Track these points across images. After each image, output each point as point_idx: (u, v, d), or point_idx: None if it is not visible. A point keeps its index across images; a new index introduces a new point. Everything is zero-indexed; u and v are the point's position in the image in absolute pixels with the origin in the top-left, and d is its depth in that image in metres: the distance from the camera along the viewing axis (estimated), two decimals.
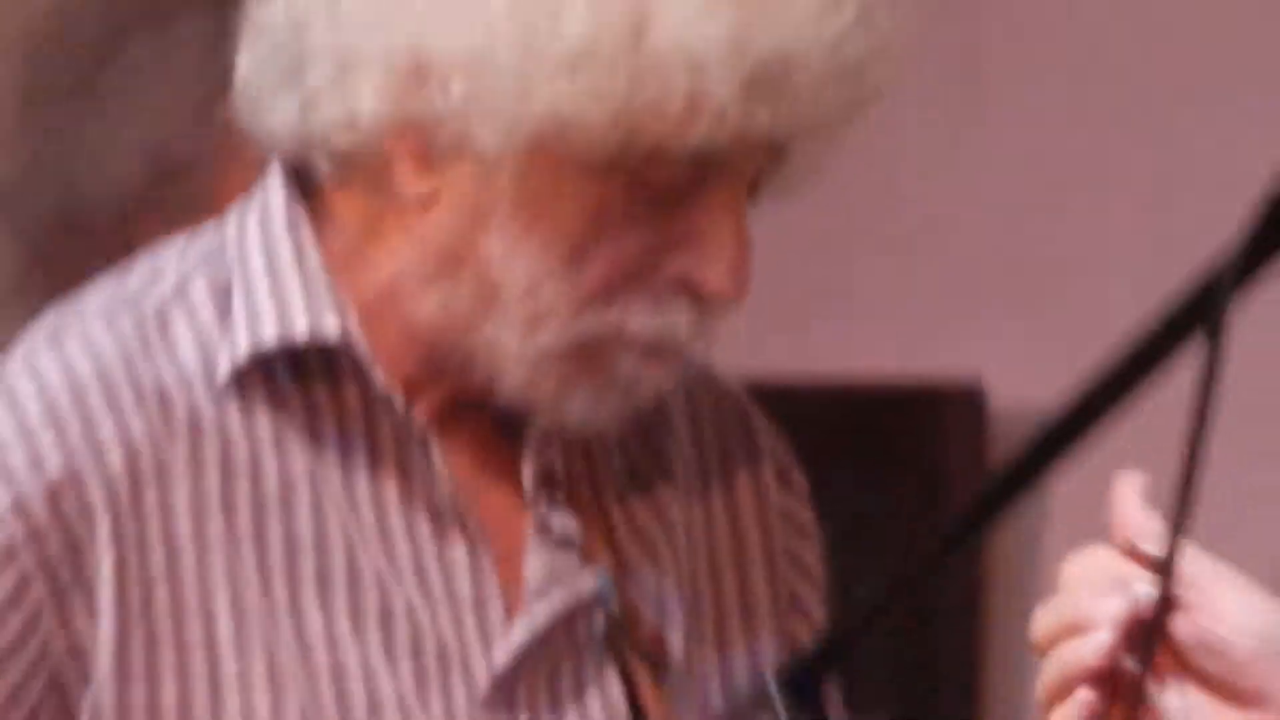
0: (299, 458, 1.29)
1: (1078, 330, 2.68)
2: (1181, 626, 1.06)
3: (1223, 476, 1.74)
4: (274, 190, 1.32)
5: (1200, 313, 1.02)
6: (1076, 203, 2.98)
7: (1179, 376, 1.06)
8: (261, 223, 1.31)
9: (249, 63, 1.30)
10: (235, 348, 1.28)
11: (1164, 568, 1.05)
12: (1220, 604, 1.07)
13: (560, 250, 1.25)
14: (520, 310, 1.26)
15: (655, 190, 1.25)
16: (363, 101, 1.24)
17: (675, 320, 1.27)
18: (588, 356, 1.27)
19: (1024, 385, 2.77)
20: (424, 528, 1.30)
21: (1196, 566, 1.07)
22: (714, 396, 1.41)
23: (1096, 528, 1.08)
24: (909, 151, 2.81)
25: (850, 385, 2.83)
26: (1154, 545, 1.05)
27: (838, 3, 1.23)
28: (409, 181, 1.26)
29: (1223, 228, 1.04)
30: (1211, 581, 1.07)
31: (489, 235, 1.25)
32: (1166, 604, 1.05)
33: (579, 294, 1.26)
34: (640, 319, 1.26)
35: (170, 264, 1.32)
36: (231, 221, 1.33)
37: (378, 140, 1.25)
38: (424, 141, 1.24)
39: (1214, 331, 1.02)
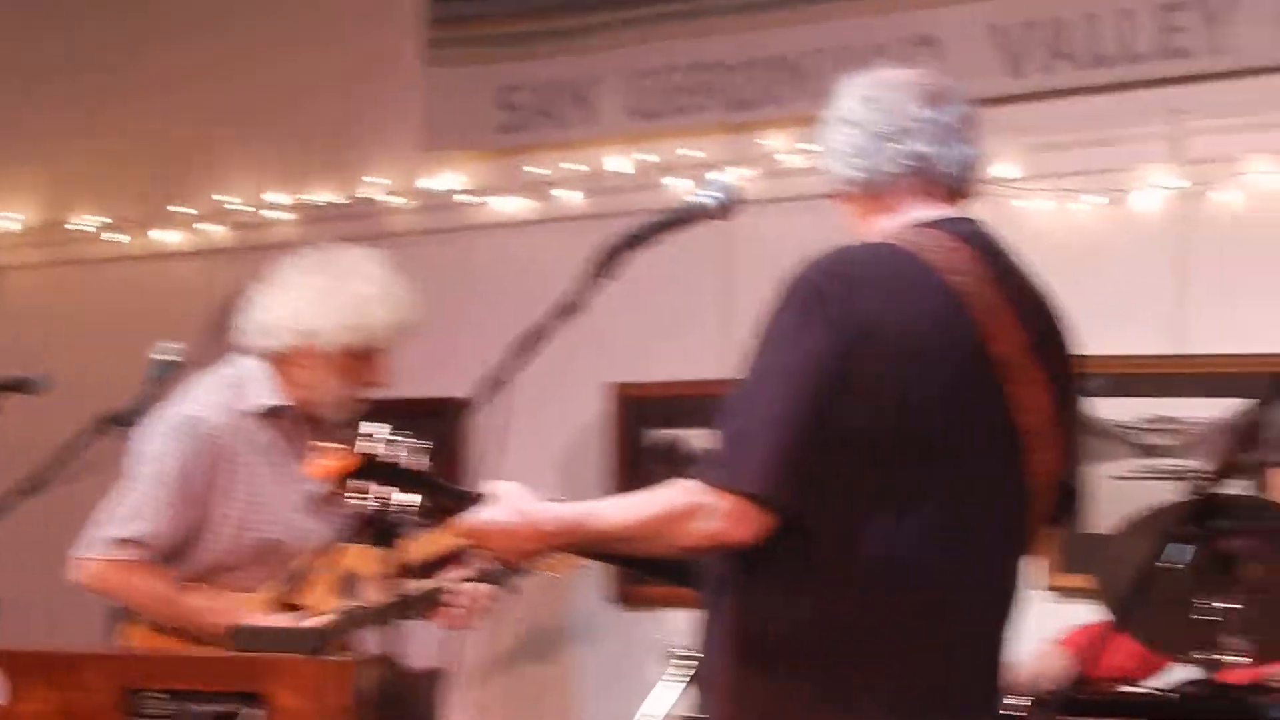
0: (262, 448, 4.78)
1: None
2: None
3: None
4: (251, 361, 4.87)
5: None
6: None
7: None
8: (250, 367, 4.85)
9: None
10: (256, 407, 4.77)
11: None
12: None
13: (344, 379, 4.76)
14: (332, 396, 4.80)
15: (366, 356, 4.78)
16: (296, 341, 4.78)
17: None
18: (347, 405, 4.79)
19: None
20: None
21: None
22: None
23: None
24: None
25: None
26: None
27: (408, 305, 4.80)
28: (303, 363, 4.76)
29: None
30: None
31: (328, 378, 4.76)
32: None
33: (350, 391, 4.77)
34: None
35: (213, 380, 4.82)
36: (234, 367, 4.82)
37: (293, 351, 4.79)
38: (309, 350, 4.75)
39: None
